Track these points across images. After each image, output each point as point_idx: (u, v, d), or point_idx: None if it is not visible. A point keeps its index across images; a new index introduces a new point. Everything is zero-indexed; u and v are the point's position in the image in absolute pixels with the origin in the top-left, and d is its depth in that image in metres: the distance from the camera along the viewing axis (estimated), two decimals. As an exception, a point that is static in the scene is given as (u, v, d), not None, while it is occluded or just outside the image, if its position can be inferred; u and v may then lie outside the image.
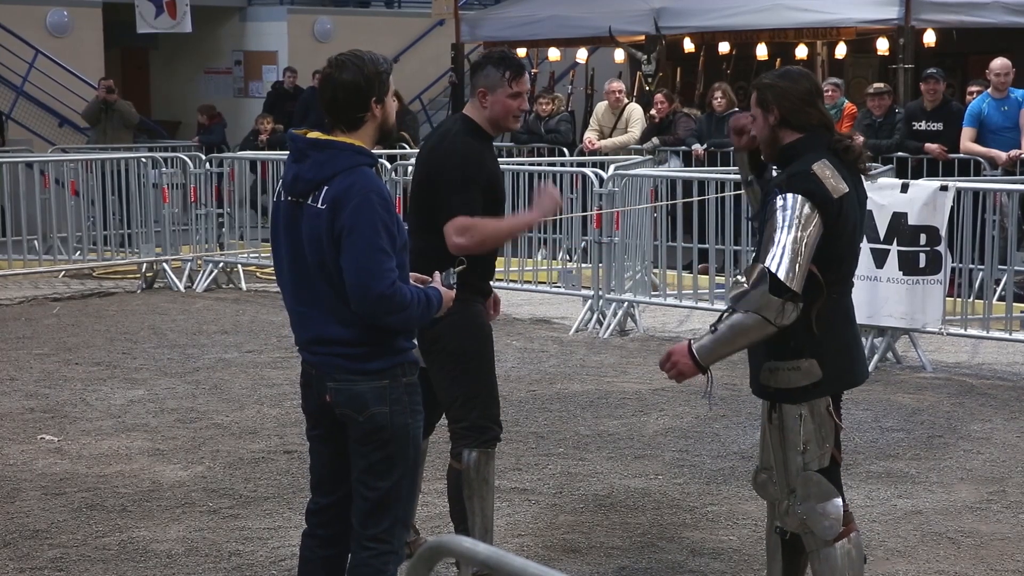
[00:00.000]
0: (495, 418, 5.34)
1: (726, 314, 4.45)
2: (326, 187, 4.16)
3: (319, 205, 4.15)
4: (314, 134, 4.28)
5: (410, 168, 13.01)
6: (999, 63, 12.24)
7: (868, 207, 8.97)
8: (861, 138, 12.77)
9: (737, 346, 4.47)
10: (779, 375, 4.51)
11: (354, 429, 4.27)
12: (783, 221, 4.36)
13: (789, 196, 4.39)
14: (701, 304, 10.87)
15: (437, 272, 4.47)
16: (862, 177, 4.64)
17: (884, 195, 9.14)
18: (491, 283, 5.47)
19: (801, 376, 4.48)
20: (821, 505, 4.54)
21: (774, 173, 4.75)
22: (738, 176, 5.09)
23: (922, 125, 12.61)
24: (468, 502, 5.35)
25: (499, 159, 5.92)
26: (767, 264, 4.34)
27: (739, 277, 4.50)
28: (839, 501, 4.57)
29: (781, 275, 4.31)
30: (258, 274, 13.41)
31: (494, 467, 5.42)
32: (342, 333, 4.21)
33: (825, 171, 4.44)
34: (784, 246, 4.34)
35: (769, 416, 4.60)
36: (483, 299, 5.36)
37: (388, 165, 12.88)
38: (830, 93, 13.67)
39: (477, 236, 5.10)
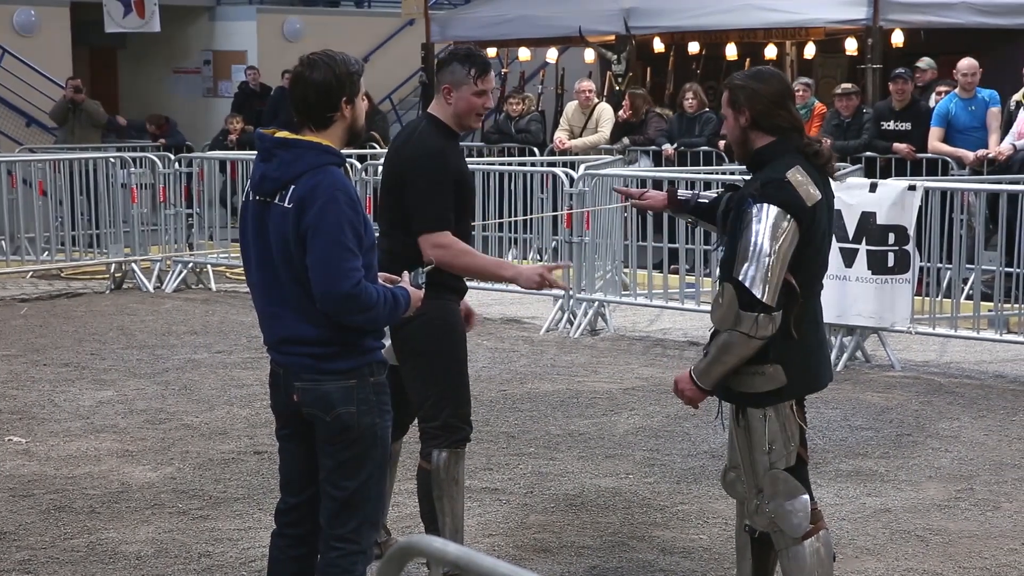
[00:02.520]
0: (466, 418, 5.34)
1: (712, 335, 4.51)
2: (293, 186, 4.15)
3: (286, 204, 4.15)
4: (282, 133, 4.27)
5: (380, 168, 12.98)
6: (966, 63, 12.31)
7: (837, 207, 9.09)
8: (829, 141, 12.84)
9: (729, 364, 4.50)
10: (743, 379, 4.55)
11: (321, 429, 4.26)
12: (757, 234, 4.38)
13: (764, 207, 4.39)
14: (671, 304, 10.89)
15: (406, 272, 4.47)
16: (830, 180, 4.66)
17: (853, 195, 9.18)
18: (466, 282, 5.46)
19: (765, 381, 4.51)
20: (789, 502, 4.57)
21: (712, 193, 4.80)
22: (708, 176, 5.14)
23: (891, 125, 12.68)
24: (438, 502, 5.34)
25: (469, 159, 5.94)
26: (738, 278, 4.36)
27: (719, 299, 4.53)
28: (806, 498, 4.59)
29: (755, 291, 4.35)
30: (228, 274, 13.36)
31: (464, 467, 5.41)
32: (310, 332, 4.20)
33: (799, 177, 4.46)
34: (757, 260, 4.36)
35: (736, 419, 4.63)
36: (457, 298, 5.35)
37: (358, 165, 12.85)
38: (801, 93, 13.72)
39: (454, 260, 5.11)
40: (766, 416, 4.54)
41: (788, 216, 4.38)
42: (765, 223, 4.37)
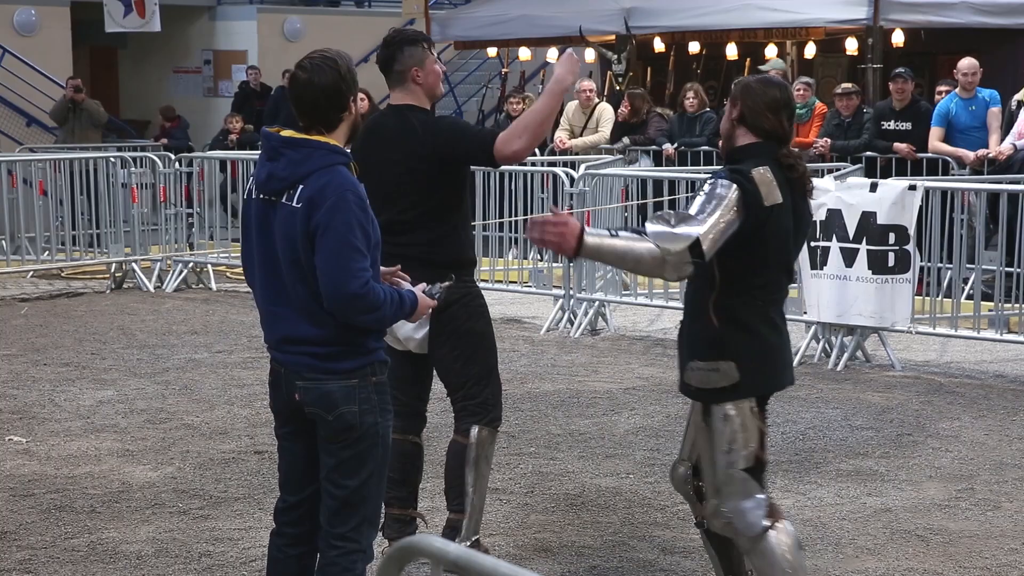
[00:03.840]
0: (500, 401, 5.52)
1: (627, 230, 4.52)
2: (301, 186, 4.15)
3: (294, 204, 4.15)
4: (288, 132, 4.27)
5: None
6: (967, 63, 12.31)
7: (837, 206, 9.16)
8: (828, 142, 12.85)
9: (623, 265, 4.60)
10: (699, 375, 4.63)
11: (323, 428, 4.27)
12: (714, 199, 4.49)
13: (726, 180, 4.52)
14: (672, 304, 10.89)
15: (424, 283, 4.48)
16: (807, 197, 4.73)
17: (853, 194, 9.18)
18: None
19: (720, 377, 4.59)
20: (744, 502, 4.64)
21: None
22: (708, 176, 5.15)
23: (891, 125, 12.68)
24: (469, 476, 5.43)
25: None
26: (700, 229, 4.41)
27: (668, 211, 4.64)
28: (762, 497, 4.65)
29: (705, 245, 4.40)
30: (228, 274, 13.36)
31: (494, 450, 5.56)
32: (312, 332, 4.21)
33: (766, 176, 4.54)
34: (714, 220, 4.45)
35: (702, 416, 4.68)
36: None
37: (358, 165, 12.84)
38: (801, 92, 13.71)
39: (527, 133, 5.16)
40: (727, 416, 4.61)
41: (740, 198, 4.48)
42: (720, 193, 4.49)
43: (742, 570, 4.95)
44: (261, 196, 4.25)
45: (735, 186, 4.49)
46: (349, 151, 4.36)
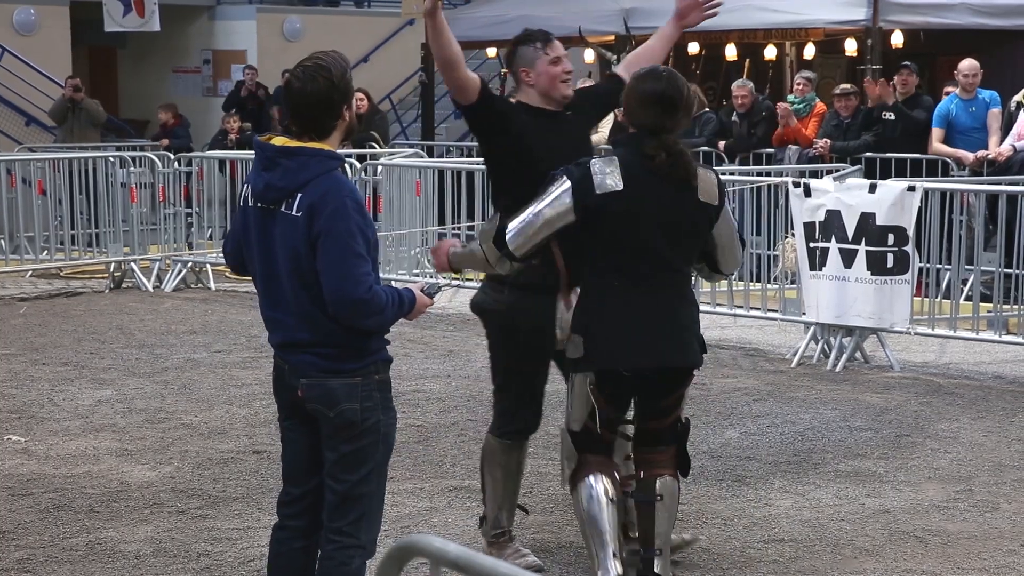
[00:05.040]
0: (511, 415, 5.71)
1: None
2: (300, 194, 4.19)
3: (294, 212, 4.19)
4: (281, 140, 4.28)
5: (380, 168, 13.01)
6: (967, 64, 12.32)
7: (837, 207, 9.16)
8: (827, 143, 12.84)
9: (478, 266, 5.26)
10: (567, 345, 5.10)
11: (325, 424, 4.30)
12: (541, 193, 4.96)
13: (559, 175, 4.96)
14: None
15: (424, 282, 4.58)
16: (681, 186, 4.93)
17: (852, 195, 9.18)
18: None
19: (573, 349, 5.06)
20: (566, 460, 5.26)
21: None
22: None
23: (890, 115, 12.67)
24: (484, 476, 5.67)
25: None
26: (509, 223, 4.99)
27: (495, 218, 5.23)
28: (578, 458, 5.19)
29: (507, 236, 4.96)
30: (227, 274, 13.34)
31: (516, 459, 5.72)
32: (314, 337, 4.26)
33: (606, 168, 4.88)
34: (527, 213, 4.96)
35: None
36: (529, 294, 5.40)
37: (358, 165, 12.86)
38: (801, 87, 13.73)
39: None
40: (573, 384, 5.14)
41: (569, 190, 4.90)
42: (549, 188, 4.95)
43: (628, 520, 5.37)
44: (259, 204, 4.27)
45: (565, 177, 4.92)
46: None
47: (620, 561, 5.10)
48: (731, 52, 16.46)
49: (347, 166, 12.64)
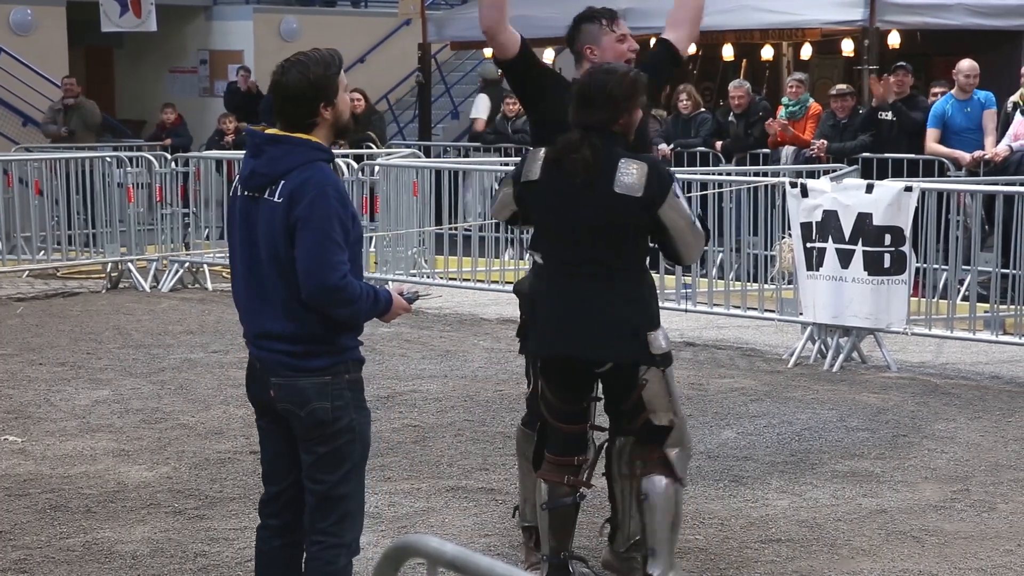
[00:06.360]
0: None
1: None
2: (283, 181, 4.22)
3: (275, 199, 4.22)
4: (272, 130, 4.34)
5: (377, 168, 13.01)
6: (967, 65, 12.32)
7: (833, 207, 9.16)
8: (824, 143, 12.85)
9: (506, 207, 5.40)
10: None
11: (296, 424, 4.32)
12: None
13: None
14: (667, 304, 10.87)
15: (404, 286, 4.60)
16: (569, 176, 4.95)
17: (849, 196, 9.19)
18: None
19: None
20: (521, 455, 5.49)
21: None
22: (705, 177, 5.35)
23: (888, 115, 12.69)
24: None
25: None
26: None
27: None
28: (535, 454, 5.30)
29: (493, 210, 5.26)
30: (224, 274, 13.34)
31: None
32: (289, 328, 4.26)
33: (536, 155, 5.03)
34: (501, 191, 5.29)
35: None
36: None
37: (355, 165, 12.86)
38: (794, 89, 13.75)
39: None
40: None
41: (508, 177, 5.21)
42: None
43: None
44: (245, 192, 4.32)
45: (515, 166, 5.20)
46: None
47: (535, 568, 5.32)
48: (728, 52, 16.47)
49: (344, 166, 12.67)
